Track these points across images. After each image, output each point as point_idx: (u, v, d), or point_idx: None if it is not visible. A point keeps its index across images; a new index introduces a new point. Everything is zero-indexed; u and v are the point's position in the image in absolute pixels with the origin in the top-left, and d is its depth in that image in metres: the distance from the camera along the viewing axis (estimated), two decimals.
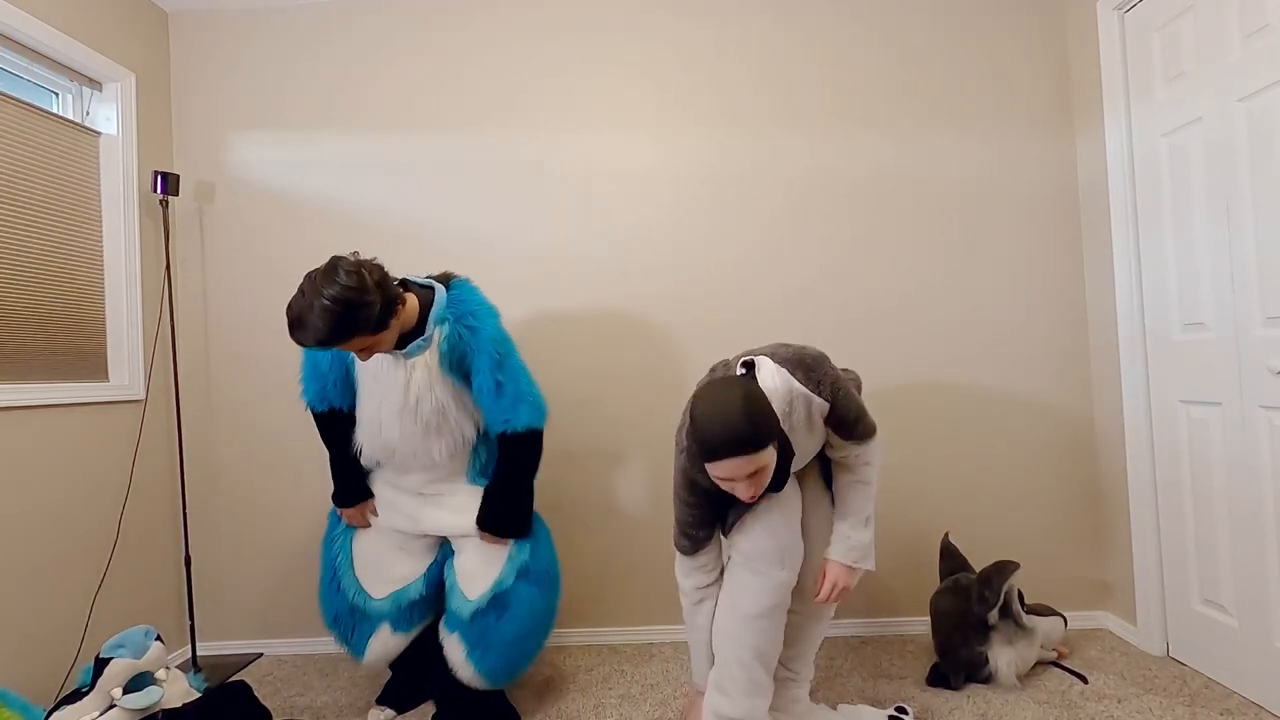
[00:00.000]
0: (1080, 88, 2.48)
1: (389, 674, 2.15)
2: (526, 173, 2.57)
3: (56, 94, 2.31)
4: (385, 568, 1.97)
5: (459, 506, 1.93)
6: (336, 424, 1.95)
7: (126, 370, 2.38)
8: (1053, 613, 2.19)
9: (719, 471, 1.40)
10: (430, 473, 1.91)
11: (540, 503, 2.52)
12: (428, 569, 1.99)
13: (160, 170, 2.41)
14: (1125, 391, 2.32)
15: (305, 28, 2.63)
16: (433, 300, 1.78)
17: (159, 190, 2.38)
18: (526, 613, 1.84)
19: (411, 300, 1.74)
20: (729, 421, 1.33)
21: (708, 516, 1.66)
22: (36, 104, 2.14)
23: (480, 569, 1.89)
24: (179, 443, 2.48)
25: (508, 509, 1.87)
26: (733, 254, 2.54)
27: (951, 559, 2.21)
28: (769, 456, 1.39)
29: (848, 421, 1.58)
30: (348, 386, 1.91)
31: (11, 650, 1.94)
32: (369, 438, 1.87)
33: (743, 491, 1.43)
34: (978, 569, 2.16)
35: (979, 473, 2.52)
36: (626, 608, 2.55)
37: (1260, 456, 1.87)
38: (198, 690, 1.88)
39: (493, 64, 2.59)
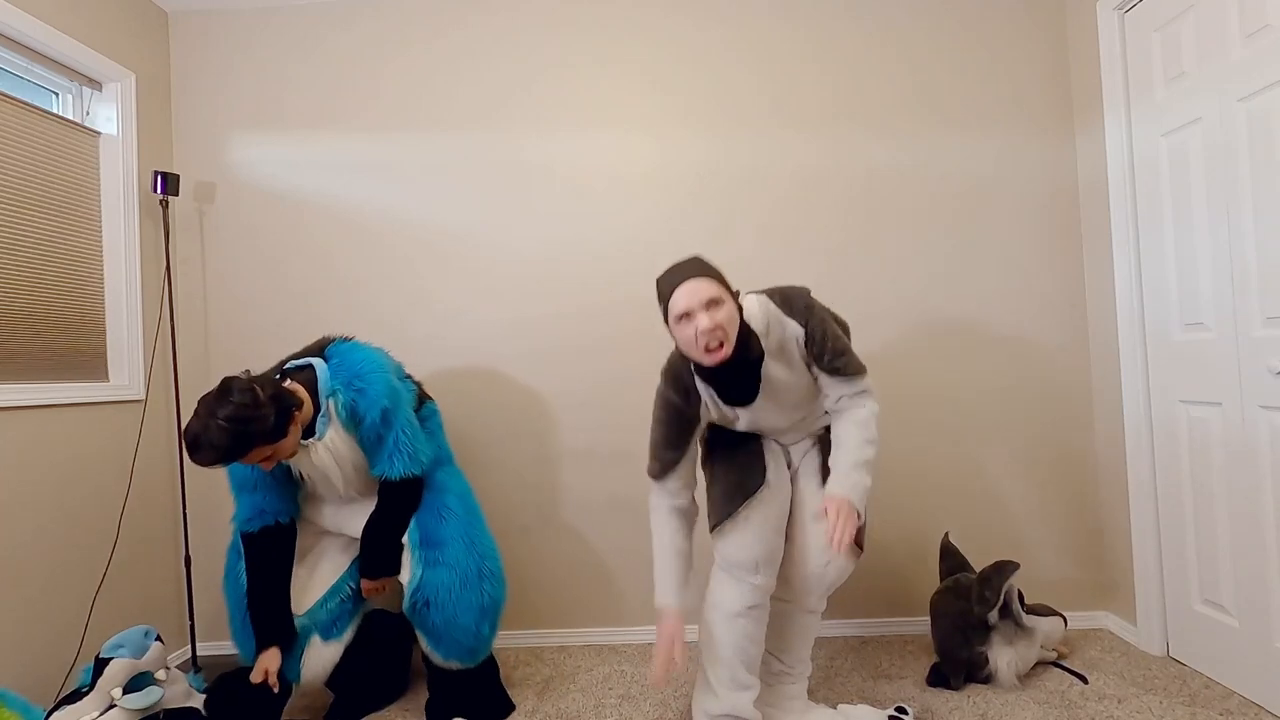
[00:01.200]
0: (1080, 88, 2.48)
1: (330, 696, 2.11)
2: (526, 172, 2.57)
3: (56, 94, 2.31)
4: (306, 577, 1.98)
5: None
6: (271, 545, 1.89)
7: (126, 370, 2.39)
8: (1053, 613, 2.19)
9: (679, 304, 1.52)
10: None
11: (542, 503, 2.55)
12: (350, 564, 2.01)
13: (160, 170, 2.41)
14: (1125, 391, 2.31)
15: (305, 28, 2.63)
16: (316, 378, 1.82)
17: (159, 190, 2.38)
18: (447, 597, 1.86)
19: (301, 391, 1.78)
20: (682, 263, 1.59)
21: (675, 436, 1.71)
22: (36, 104, 2.14)
23: (407, 563, 1.93)
24: (179, 443, 2.48)
25: (382, 552, 1.93)
26: (733, 254, 2.53)
27: (951, 559, 2.21)
28: (723, 293, 1.54)
29: (823, 345, 1.63)
30: (286, 488, 1.92)
31: (11, 650, 1.94)
32: (328, 505, 2.02)
33: (704, 323, 1.50)
34: (978, 569, 2.16)
35: (979, 473, 2.51)
36: (628, 608, 2.55)
37: (1260, 456, 1.87)
38: (198, 690, 1.88)
39: (493, 63, 2.59)
